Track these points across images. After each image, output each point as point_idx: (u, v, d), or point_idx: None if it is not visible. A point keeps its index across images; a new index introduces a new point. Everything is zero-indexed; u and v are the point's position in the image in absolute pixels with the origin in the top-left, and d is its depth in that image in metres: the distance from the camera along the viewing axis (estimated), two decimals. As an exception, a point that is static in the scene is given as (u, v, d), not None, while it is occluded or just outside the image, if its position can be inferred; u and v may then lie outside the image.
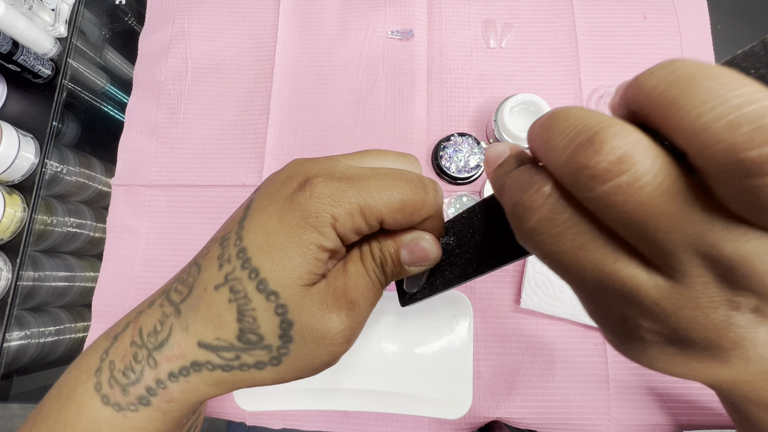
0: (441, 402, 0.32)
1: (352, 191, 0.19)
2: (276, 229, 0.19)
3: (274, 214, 0.19)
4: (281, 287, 0.19)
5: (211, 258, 0.20)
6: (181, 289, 0.21)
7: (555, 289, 0.39)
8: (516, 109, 0.41)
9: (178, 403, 0.21)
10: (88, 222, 0.46)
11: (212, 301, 0.19)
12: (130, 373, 0.20)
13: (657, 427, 0.37)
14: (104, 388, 0.21)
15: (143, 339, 0.21)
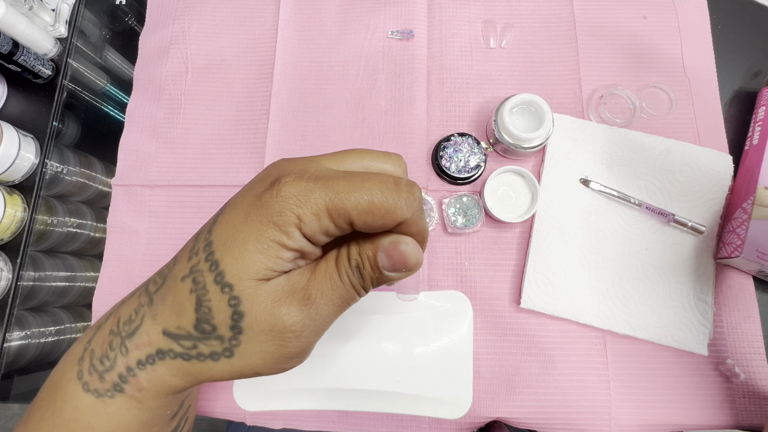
0: (441, 402, 0.32)
1: (320, 192, 0.19)
2: (240, 225, 0.19)
3: (242, 210, 0.20)
4: (236, 280, 0.19)
5: (184, 250, 0.21)
6: (157, 280, 0.22)
7: (555, 289, 0.39)
8: (516, 109, 0.41)
9: (148, 392, 0.21)
10: (88, 222, 0.46)
11: (178, 291, 0.20)
12: (105, 360, 0.21)
13: (657, 427, 0.37)
14: (85, 375, 0.21)
15: (119, 327, 0.21)
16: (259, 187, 0.20)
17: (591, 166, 0.41)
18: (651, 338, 0.38)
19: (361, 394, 0.33)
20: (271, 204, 0.19)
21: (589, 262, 0.39)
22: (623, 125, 0.43)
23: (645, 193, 0.40)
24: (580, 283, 0.39)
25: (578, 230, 0.40)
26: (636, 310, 0.38)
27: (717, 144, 0.43)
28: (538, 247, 0.40)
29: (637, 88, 0.44)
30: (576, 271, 0.39)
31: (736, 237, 0.38)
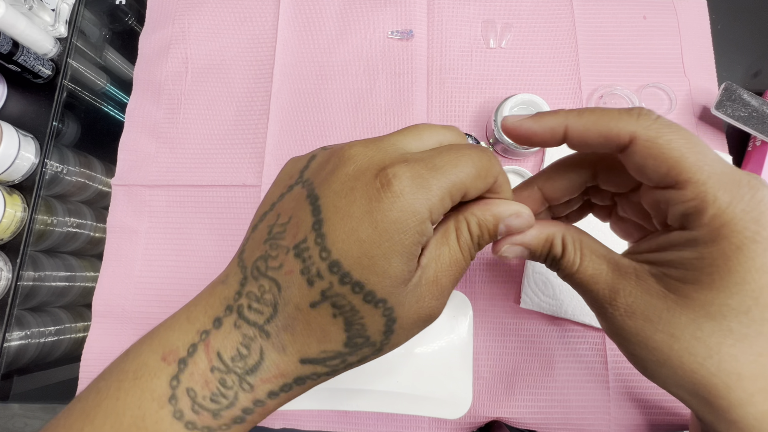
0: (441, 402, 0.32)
1: (435, 177, 0.19)
2: (373, 238, 0.18)
3: (364, 219, 0.18)
4: (388, 294, 0.19)
5: (290, 273, 0.19)
6: (259, 308, 0.19)
7: (555, 290, 0.39)
8: (516, 109, 0.41)
9: (271, 411, 0.21)
10: (88, 222, 0.46)
11: (311, 320, 0.19)
12: (220, 399, 0.19)
13: (657, 427, 0.37)
14: (188, 415, 0.19)
15: (227, 364, 0.19)
16: (362, 186, 0.18)
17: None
18: (651, 338, 0.38)
19: (361, 394, 0.33)
20: (401, 206, 0.18)
21: (588, 262, 0.39)
22: (623, 125, 0.43)
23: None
24: (579, 283, 0.39)
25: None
26: (636, 310, 0.38)
27: (717, 144, 0.43)
28: (537, 247, 0.40)
29: (636, 88, 0.44)
30: (576, 271, 0.39)
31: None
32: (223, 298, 0.20)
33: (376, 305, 0.19)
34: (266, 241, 0.20)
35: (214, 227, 0.43)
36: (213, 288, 0.21)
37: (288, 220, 0.20)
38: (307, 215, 0.19)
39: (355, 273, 0.18)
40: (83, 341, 0.41)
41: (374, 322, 0.19)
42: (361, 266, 0.18)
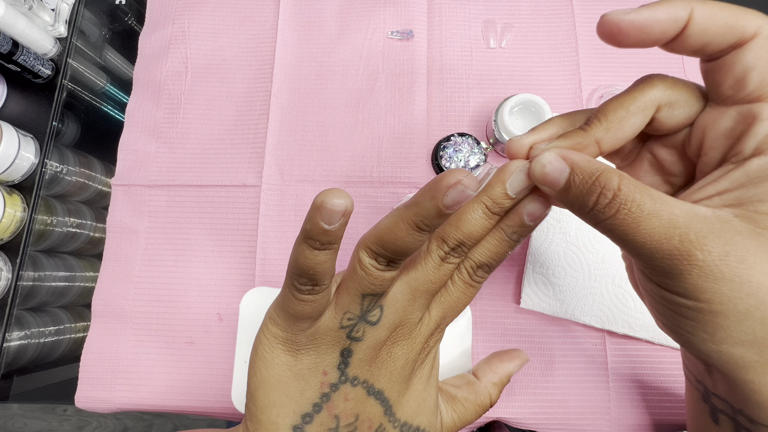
0: (441, 402, 0.32)
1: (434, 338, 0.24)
2: (421, 394, 0.23)
3: (426, 388, 0.23)
4: (426, 424, 0.23)
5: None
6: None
7: (555, 290, 0.39)
8: (516, 109, 0.41)
9: None
10: (88, 222, 0.46)
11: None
12: None
13: (656, 426, 0.37)
14: None
15: None
16: (416, 365, 0.23)
17: (591, 166, 0.41)
18: (651, 338, 0.38)
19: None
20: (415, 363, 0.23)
21: (589, 262, 0.39)
22: (623, 125, 0.43)
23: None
24: (580, 283, 0.39)
25: (578, 230, 0.40)
26: (636, 310, 0.38)
27: (717, 144, 0.43)
28: (537, 247, 0.40)
29: (637, 88, 0.44)
30: (576, 271, 0.39)
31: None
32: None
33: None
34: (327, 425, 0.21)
35: (214, 227, 0.43)
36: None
37: (355, 419, 0.21)
38: (376, 408, 0.22)
39: (414, 421, 0.23)
40: (83, 341, 0.41)
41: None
42: (414, 414, 0.23)
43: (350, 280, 0.20)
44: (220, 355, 0.39)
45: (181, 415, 1.08)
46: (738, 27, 0.17)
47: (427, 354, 0.23)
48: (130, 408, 0.40)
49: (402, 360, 0.22)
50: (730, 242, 0.16)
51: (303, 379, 0.21)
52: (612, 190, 0.17)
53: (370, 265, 0.19)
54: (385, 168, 0.43)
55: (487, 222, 0.20)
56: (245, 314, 0.34)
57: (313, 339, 0.20)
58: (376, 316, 0.20)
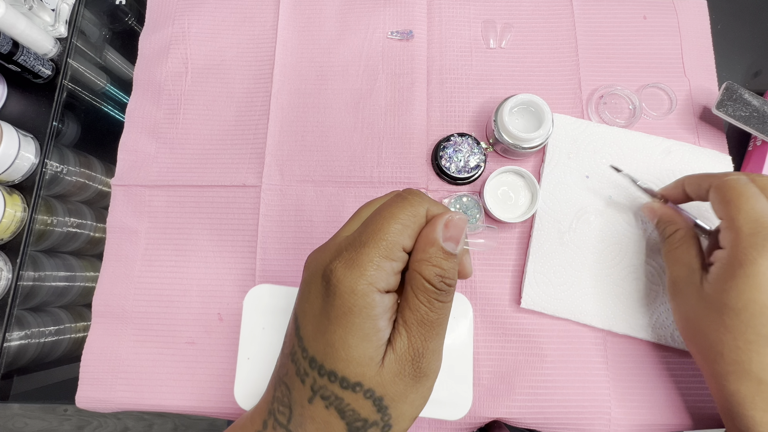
0: (441, 402, 0.32)
1: (363, 253, 0.21)
2: (330, 328, 0.21)
3: (322, 315, 0.21)
4: (360, 377, 0.20)
5: (291, 376, 0.22)
6: (282, 410, 0.23)
7: (555, 289, 0.39)
8: (516, 109, 0.41)
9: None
10: (88, 222, 0.46)
11: (313, 414, 0.21)
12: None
13: (656, 426, 0.37)
14: None
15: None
16: (315, 289, 0.22)
17: (592, 166, 0.41)
18: (651, 338, 0.38)
19: (361, 394, 0.33)
20: (339, 293, 0.20)
21: (589, 262, 0.39)
22: (623, 125, 0.43)
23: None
24: (580, 283, 0.39)
25: (578, 230, 0.40)
26: (636, 310, 0.38)
27: (716, 145, 0.43)
28: (538, 247, 0.40)
29: (636, 88, 0.44)
30: (576, 271, 0.39)
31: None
32: (267, 402, 0.24)
33: (353, 389, 0.21)
34: (282, 353, 0.24)
35: (214, 227, 0.43)
36: (267, 389, 0.25)
37: (288, 334, 0.24)
38: (292, 325, 0.23)
39: (326, 364, 0.21)
40: (83, 341, 0.41)
41: (363, 405, 0.21)
42: (328, 356, 0.21)
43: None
44: (221, 354, 0.39)
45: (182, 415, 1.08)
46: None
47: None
48: (131, 408, 0.40)
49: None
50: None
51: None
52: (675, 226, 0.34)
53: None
54: (385, 168, 0.43)
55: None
56: (248, 311, 0.34)
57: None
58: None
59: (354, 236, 0.22)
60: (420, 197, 0.23)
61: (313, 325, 0.22)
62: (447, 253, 0.21)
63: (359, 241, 0.21)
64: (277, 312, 0.34)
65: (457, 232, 0.22)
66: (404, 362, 0.21)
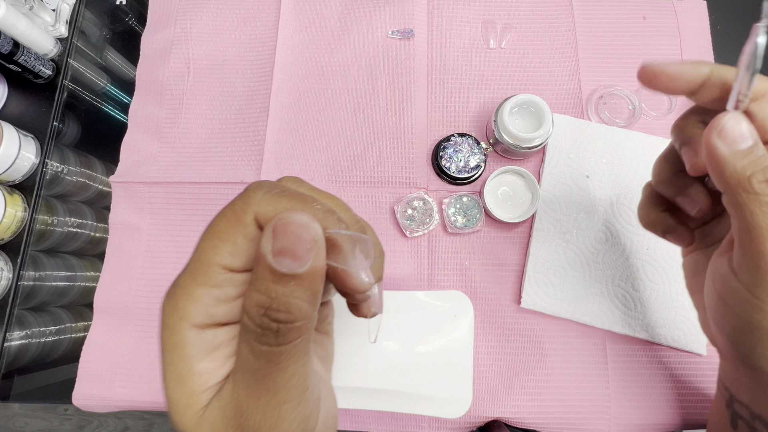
0: (441, 401, 0.32)
1: (179, 283, 0.17)
2: (162, 368, 0.17)
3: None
4: (181, 425, 0.17)
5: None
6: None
7: (555, 289, 0.39)
8: (516, 109, 0.41)
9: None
10: (88, 222, 0.46)
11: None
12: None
13: (656, 426, 0.37)
14: None
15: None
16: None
17: (592, 166, 0.41)
18: (650, 338, 0.38)
19: (362, 393, 0.33)
20: (162, 334, 0.17)
21: (589, 262, 0.39)
22: (623, 125, 0.43)
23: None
24: (580, 283, 0.39)
25: (578, 230, 0.40)
26: (636, 310, 0.38)
27: (716, 144, 0.43)
28: (538, 247, 0.40)
29: (636, 89, 0.44)
30: (576, 271, 0.39)
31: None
32: None
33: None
34: None
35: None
36: None
37: None
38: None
39: (172, 416, 0.17)
40: (84, 341, 0.41)
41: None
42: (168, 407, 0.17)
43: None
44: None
45: (182, 415, 1.07)
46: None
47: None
48: (129, 407, 0.40)
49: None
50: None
51: None
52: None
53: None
54: (385, 168, 0.43)
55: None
56: None
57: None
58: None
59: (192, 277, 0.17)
60: (249, 195, 0.18)
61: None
62: (276, 273, 0.15)
63: (184, 267, 0.18)
64: (277, 311, 0.34)
65: (292, 241, 0.15)
66: (226, 417, 0.16)
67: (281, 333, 0.15)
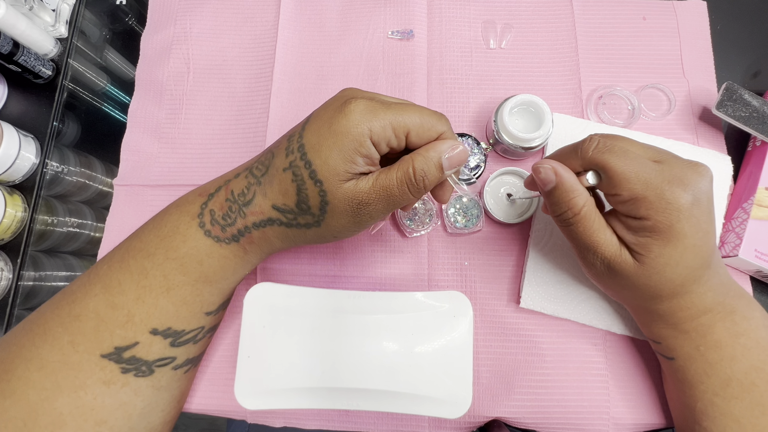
0: (441, 401, 0.32)
1: (385, 111, 0.26)
2: (326, 134, 0.27)
3: (326, 122, 0.27)
4: (324, 178, 0.27)
5: (280, 148, 0.29)
6: (260, 167, 0.30)
7: (555, 290, 0.39)
8: (516, 109, 0.41)
9: (256, 246, 0.31)
10: (88, 222, 0.46)
11: (282, 180, 0.28)
12: (227, 218, 0.30)
13: (655, 426, 0.37)
14: (207, 225, 0.30)
15: (234, 197, 0.30)
16: (335, 104, 0.27)
17: (590, 167, 0.41)
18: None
19: (361, 394, 0.33)
20: (349, 117, 0.26)
21: (588, 262, 0.39)
22: (622, 126, 0.43)
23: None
24: (579, 283, 0.39)
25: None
26: (635, 310, 0.38)
27: (715, 145, 0.43)
28: (538, 247, 0.40)
29: (636, 89, 0.44)
30: (576, 271, 0.39)
31: (735, 236, 0.38)
32: (246, 164, 0.31)
33: (315, 183, 0.27)
34: (285, 134, 0.30)
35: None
36: (250, 160, 0.32)
37: (299, 124, 0.30)
38: (306, 118, 0.29)
39: (309, 154, 0.27)
40: (84, 341, 0.41)
41: (314, 196, 0.27)
42: (314, 150, 0.27)
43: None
44: (221, 353, 0.40)
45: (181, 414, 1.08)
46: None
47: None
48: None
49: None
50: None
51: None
52: (574, 211, 0.30)
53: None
54: (385, 168, 0.43)
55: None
56: (249, 310, 0.34)
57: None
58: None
59: (388, 100, 0.28)
60: (447, 123, 0.29)
61: (317, 125, 0.27)
62: (440, 165, 0.27)
63: (387, 103, 0.27)
64: (277, 310, 0.34)
65: (456, 159, 0.28)
66: (355, 199, 0.27)
67: (417, 190, 0.28)
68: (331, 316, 0.34)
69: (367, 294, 0.35)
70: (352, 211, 0.28)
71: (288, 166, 0.28)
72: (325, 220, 0.28)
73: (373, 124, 0.26)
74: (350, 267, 0.41)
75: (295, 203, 0.28)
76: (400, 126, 0.26)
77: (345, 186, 0.27)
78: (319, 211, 0.28)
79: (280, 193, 0.28)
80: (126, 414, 0.29)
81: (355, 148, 0.26)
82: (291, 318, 0.34)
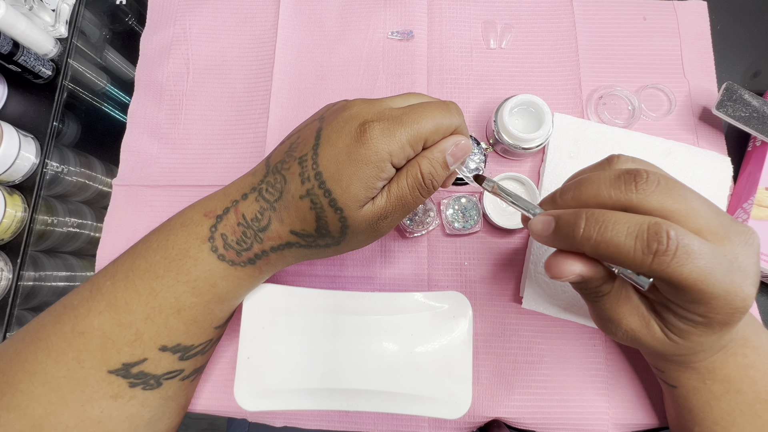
0: (441, 402, 0.32)
1: (401, 130, 0.26)
2: (344, 162, 0.26)
3: (343, 150, 0.26)
4: (344, 206, 0.27)
5: (293, 173, 0.28)
6: (272, 192, 0.29)
7: (556, 290, 0.39)
8: (516, 109, 0.41)
9: (272, 265, 0.31)
10: (88, 222, 0.46)
11: (299, 207, 0.28)
12: (242, 243, 0.29)
13: (655, 426, 0.37)
14: (220, 250, 0.29)
15: (248, 223, 0.29)
16: (349, 129, 0.27)
17: (591, 167, 0.41)
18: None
19: (361, 394, 0.33)
20: (369, 146, 0.26)
21: (588, 263, 0.39)
22: (623, 126, 0.43)
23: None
24: (579, 283, 0.39)
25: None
26: (635, 311, 0.38)
27: (715, 145, 0.43)
28: (538, 247, 0.40)
29: (636, 89, 0.44)
30: (575, 271, 0.39)
31: (735, 237, 0.38)
32: (250, 183, 0.30)
33: (335, 210, 0.27)
34: (286, 152, 0.29)
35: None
36: (244, 177, 0.31)
37: (301, 141, 0.29)
38: (312, 139, 0.28)
39: (328, 182, 0.27)
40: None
41: (334, 222, 0.28)
42: (333, 179, 0.26)
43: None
44: (221, 353, 0.40)
45: (182, 415, 1.08)
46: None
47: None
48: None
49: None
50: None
51: (307, 120, 0.32)
52: (599, 294, 0.26)
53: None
54: (385, 168, 0.43)
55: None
56: (248, 311, 0.34)
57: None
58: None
59: (398, 113, 0.27)
60: (459, 114, 0.28)
61: (333, 152, 0.27)
62: (445, 163, 0.28)
63: (400, 120, 0.26)
64: (277, 311, 0.34)
65: (460, 153, 0.28)
66: (375, 216, 0.28)
67: (428, 191, 0.28)
68: (331, 316, 0.34)
69: (367, 294, 0.35)
70: (372, 228, 0.28)
71: (305, 194, 0.27)
72: (345, 240, 0.29)
73: (393, 148, 0.26)
74: (350, 267, 0.41)
75: (314, 229, 0.28)
76: (417, 141, 0.27)
77: (364, 209, 0.27)
78: (339, 234, 0.28)
79: (297, 219, 0.28)
80: (133, 425, 0.29)
81: (377, 175, 0.26)
82: (291, 319, 0.34)
